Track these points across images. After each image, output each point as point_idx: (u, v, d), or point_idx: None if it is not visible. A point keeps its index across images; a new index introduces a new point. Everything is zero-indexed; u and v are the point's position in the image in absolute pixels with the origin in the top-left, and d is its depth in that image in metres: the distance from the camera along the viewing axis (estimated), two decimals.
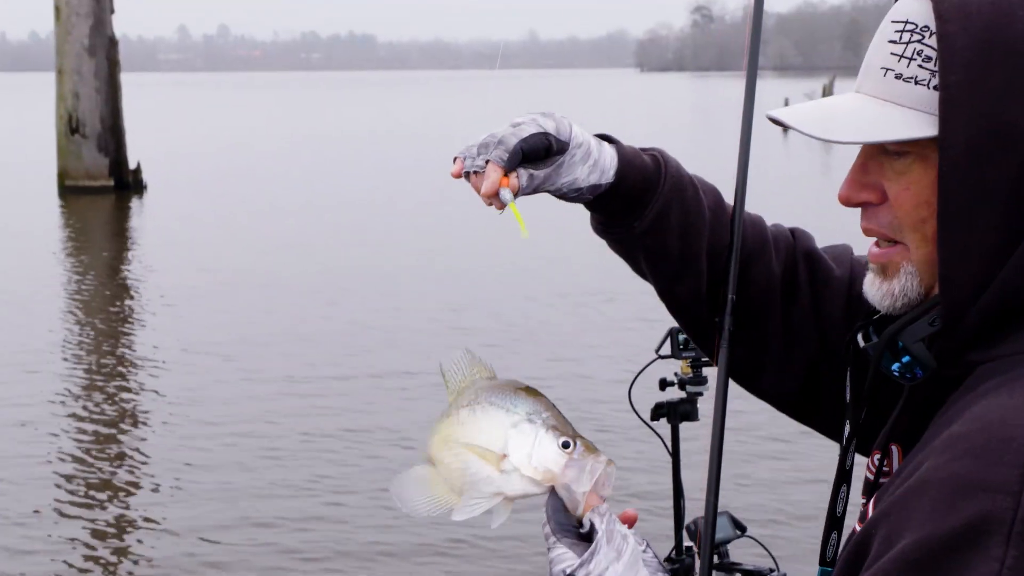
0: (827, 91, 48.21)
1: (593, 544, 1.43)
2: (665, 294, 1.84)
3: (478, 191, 1.64)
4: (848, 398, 1.63)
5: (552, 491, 1.49)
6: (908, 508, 1.25)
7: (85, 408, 10.96)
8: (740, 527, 3.28)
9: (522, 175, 1.65)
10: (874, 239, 1.50)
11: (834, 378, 1.72)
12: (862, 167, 1.48)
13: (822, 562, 1.58)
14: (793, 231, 1.89)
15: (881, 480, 1.50)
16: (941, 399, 1.40)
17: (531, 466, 1.50)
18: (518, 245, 16.68)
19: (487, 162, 1.63)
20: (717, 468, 1.77)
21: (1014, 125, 1.33)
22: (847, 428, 1.62)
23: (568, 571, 1.42)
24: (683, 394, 3.43)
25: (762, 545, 3.31)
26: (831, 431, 1.79)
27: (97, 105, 27.36)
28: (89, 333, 14.32)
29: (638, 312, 13.10)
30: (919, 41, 1.40)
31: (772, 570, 3.24)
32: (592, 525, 1.45)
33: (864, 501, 1.51)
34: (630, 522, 1.49)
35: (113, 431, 10.35)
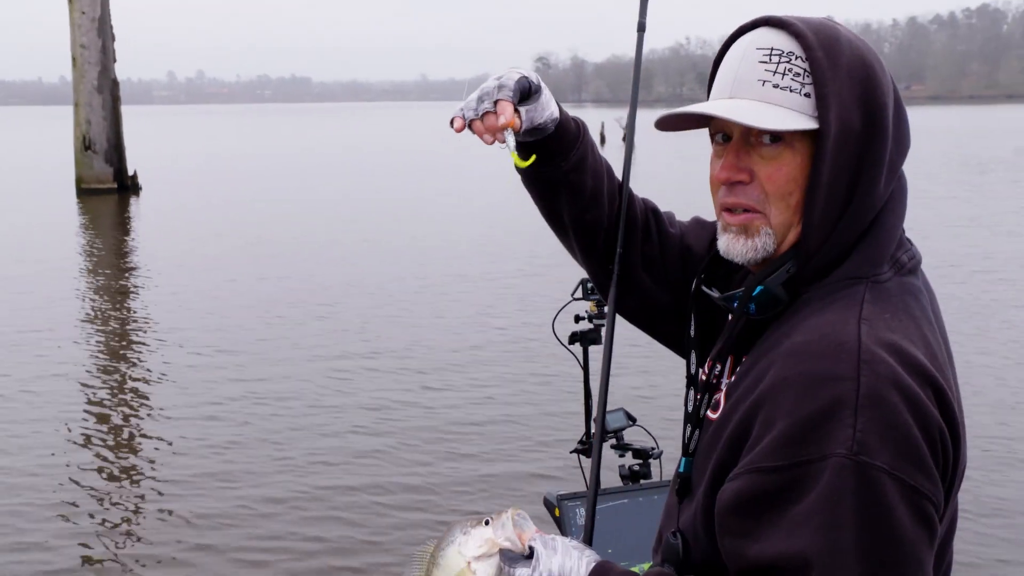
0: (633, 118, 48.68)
1: (536, 556, 1.46)
2: (576, 221, 1.78)
3: (481, 135, 1.59)
4: (692, 333, 1.65)
5: (500, 550, 1.52)
6: (776, 400, 1.28)
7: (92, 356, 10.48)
8: (631, 418, 3.34)
9: (521, 112, 1.62)
10: (726, 211, 1.48)
11: (676, 306, 1.76)
12: (735, 153, 1.45)
13: (684, 453, 1.56)
14: (643, 199, 1.89)
15: (720, 381, 1.51)
16: (765, 323, 1.44)
17: (483, 547, 1.52)
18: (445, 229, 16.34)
19: (497, 103, 1.58)
20: (607, 373, 1.83)
21: (852, 125, 1.38)
22: (693, 357, 1.64)
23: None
24: (591, 325, 3.55)
25: (647, 431, 3.35)
26: (674, 345, 1.82)
27: (104, 129, 27.26)
28: (100, 295, 13.82)
29: (558, 275, 12.89)
30: (788, 62, 1.42)
31: (653, 448, 3.31)
32: (531, 547, 1.47)
33: (700, 396, 1.53)
34: None
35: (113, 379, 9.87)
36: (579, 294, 3.46)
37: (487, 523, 1.54)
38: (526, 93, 1.63)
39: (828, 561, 1.21)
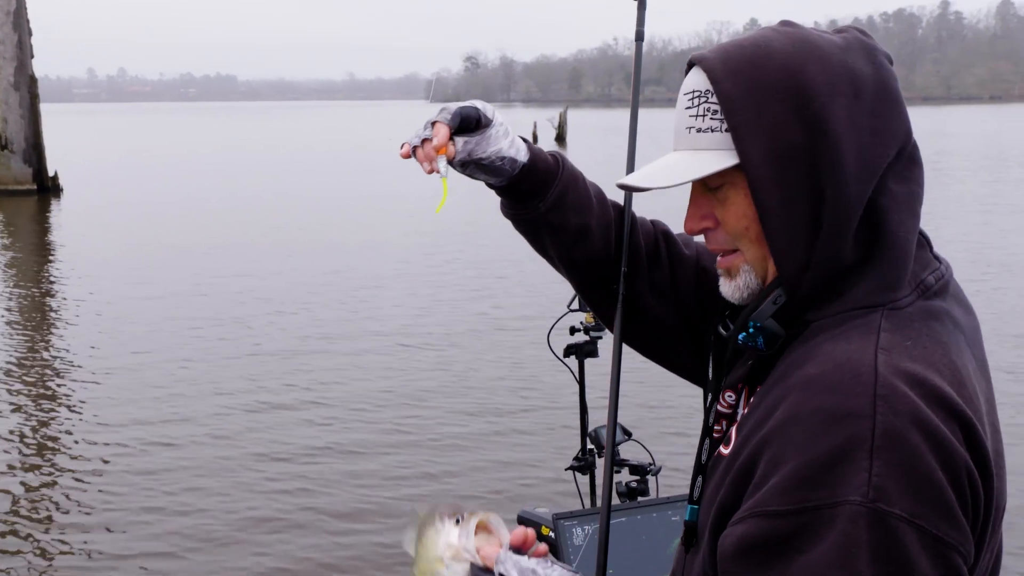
0: (563, 118, 49.05)
1: None
2: (564, 261, 1.73)
3: (421, 162, 1.54)
4: (710, 375, 1.53)
5: (472, 565, 1.38)
6: (786, 437, 1.19)
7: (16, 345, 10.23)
8: (627, 432, 3.25)
9: (457, 142, 1.56)
10: (719, 254, 1.44)
11: (690, 333, 1.69)
12: (695, 203, 1.42)
13: (690, 501, 1.46)
14: (653, 221, 1.82)
15: (736, 411, 1.45)
16: (779, 351, 1.35)
17: (447, 552, 1.41)
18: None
19: (433, 124, 1.54)
20: (616, 390, 1.76)
21: (791, 142, 1.30)
22: (708, 399, 1.52)
23: None
24: (587, 337, 3.47)
25: (643, 446, 3.27)
26: (691, 376, 1.73)
27: (22, 128, 26.50)
28: (20, 291, 13.61)
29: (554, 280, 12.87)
30: (705, 101, 1.36)
31: (651, 464, 3.23)
32: (501, 573, 1.35)
33: (720, 429, 1.46)
34: (541, 554, 1.38)
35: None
36: (575, 305, 3.33)
37: (458, 521, 1.42)
38: (470, 124, 1.58)
39: None
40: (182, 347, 10.31)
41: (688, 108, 1.38)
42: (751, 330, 1.36)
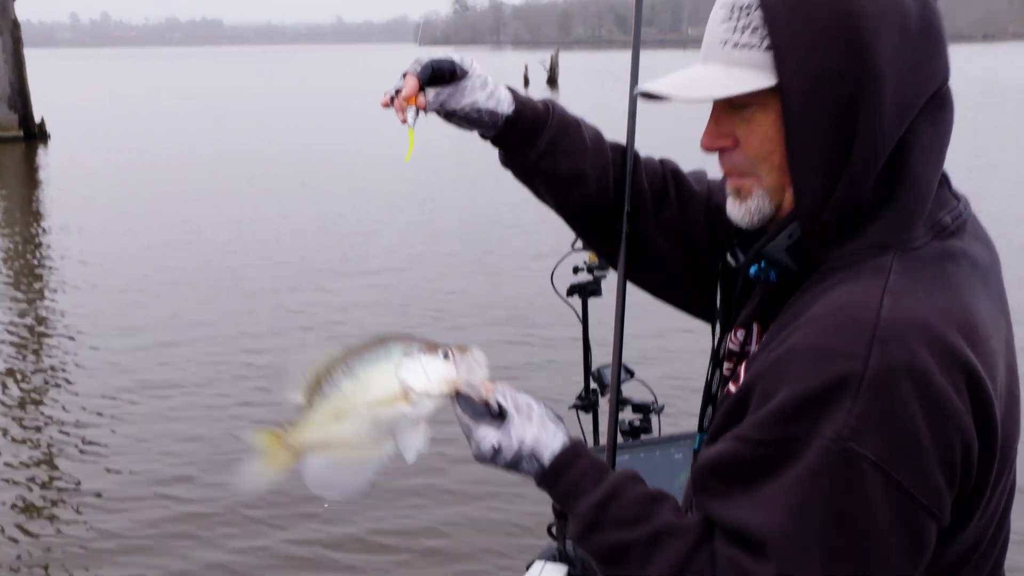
0: (554, 61, 48.44)
1: (507, 418, 1.35)
2: (560, 207, 1.73)
3: (397, 112, 1.57)
4: (719, 304, 1.52)
5: (457, 394, 1.35)
6: (781, 371, 1.20)
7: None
8: (629, 371, 3.25)
9: (429, 92, 1.58)
10: (725, 174, 1.41)
11: (699, 271, 1.65)
12: (716, 120, 1.37)
13: (700, 430, 1.50)
14: (662, 160, 1.78)
15: (746, 349, 1.44)
16: (791, 289, 1.33)
17: (435, 385, 1.34)
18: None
19: (404, 75, 1.57)
20: (620, 330, 1.74)
21: (833, 70, 1.25)
22: (717, 327, 1.52)
23: (496, 445, 1.34)
24: (591, 277, 3.47)
25: (646, 385, 3.25)
26: (699, 312, 1.70)
27: (6, 73, 26.08)
28: (6, 241, 13.49)
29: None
30: (746, 16, 1.31)
31: (653, 403, 3.25)
32: (500, 405, 1.35)
33: (730, 366, 1.46)
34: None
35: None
36: (579, 245, 3.26)
37: (446, 355, 1.35)
38: (443, 75, 1.58)
39: (785, 545, 1.15)
40: (172, 296, 10.29)
41: (726, 21, 1.33)
42: (763, 264, 1.35)
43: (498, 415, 1.35)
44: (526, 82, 44.48)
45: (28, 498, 5.85)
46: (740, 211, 1.38)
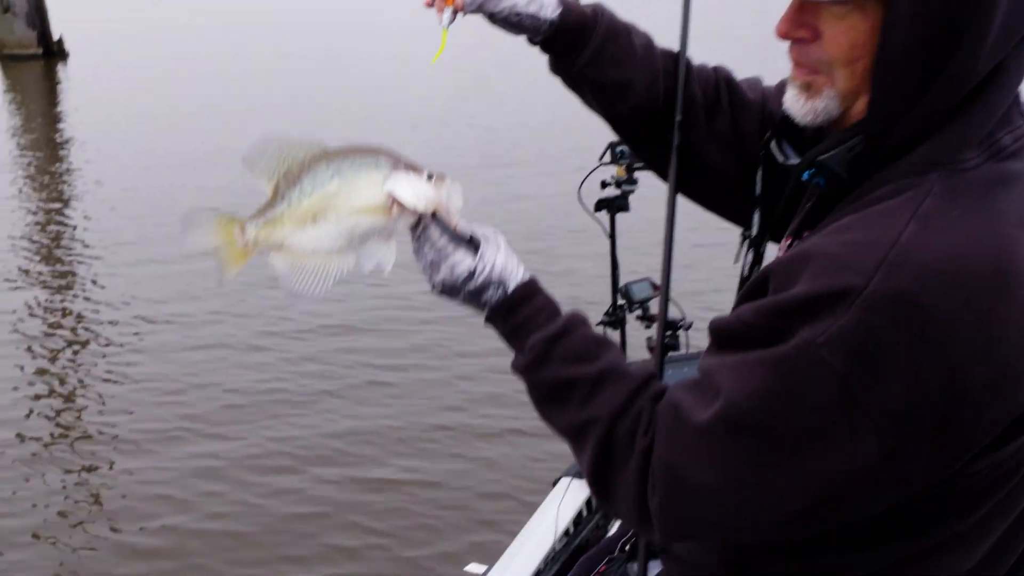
0: None
1: (481, 245, 1.38)
2: (608, 115, 1.70)
3: (439, 12, 1.55)
4: (758, 191, 1.51)
5: (433, 216, 1.36)
6: (793, 269, 1.19)
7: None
8: (657, 288, 3.26)
9: None
10: (793, 64, 1.34)
11: (751, 181, 1.57)
12: (799, 7, 1.27)
13: None
14: (715, 67, 1.73)
15: None
16: (841, 195, 1.28)
17: (421, 201, 1.34)
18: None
19: None
20: (670, 241, 1.70)
21: None
22: (757, 216, 1.51)
23: (471, 269, 1.36)
24: (618, 191, 3.41)
25: (674, 301, 3.18)
26: (748, 222, 1.61)
27: None
28: (31, 152, 13.53)
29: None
30: None
31: (682, 319, 3.25)
32: (472, 234, 1.39)
33: (753, 261, 1.48)
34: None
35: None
36: (607, 159, 3.30)
37: (430, 177, 1.36)
38: None
39: (729, 406, 1.17)
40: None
41: None
42: (813, 171, 1.29)
43: (469, 242, 1.38)
44: None
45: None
46: (803, 108, 1.31)
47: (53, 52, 26.31)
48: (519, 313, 1.38)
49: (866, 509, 1.20)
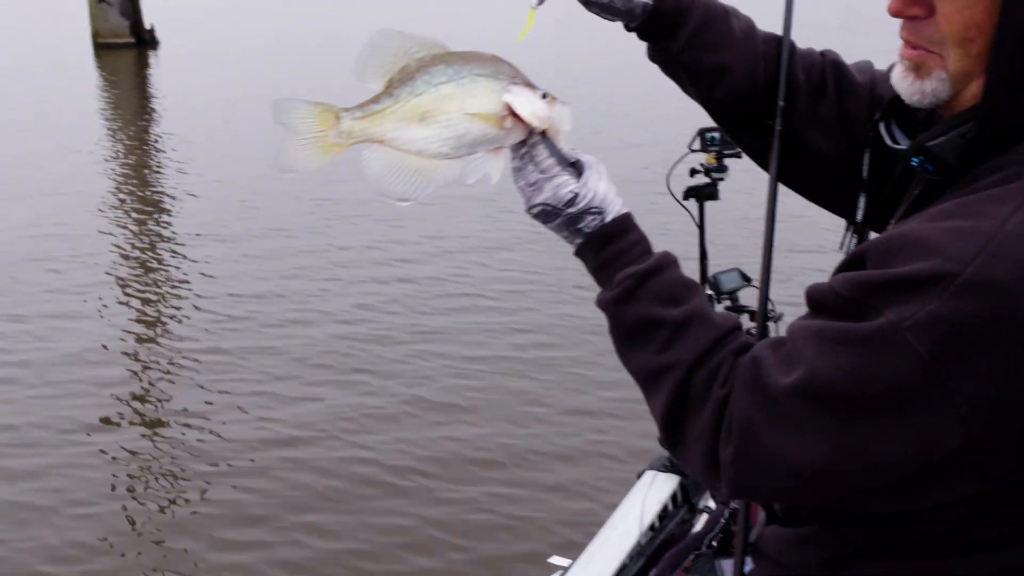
0: None
1: (586, 169, 1.36)
2: (705, 101, 1.66)
3: None
4: (865, 174, 1.47)
5: (544, 135, 1.34)
6: (891, 247, 1.16)
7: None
8: (747, 279, 3.24)
9: None
10: (904, 42, 1.29)
11: (858, 168, 1.52)
12: None
13: None
14: (823, 51, 1.68)
15: None
16: (951, 182, 1.24)
17: (537, 117, 1.32)
18: None
19: None
20: (771, 233, 1.65)
21: None
22: (862, 200, 1.48)
23: (574, 191, 1.34)
24: (708, 179, 3.35)
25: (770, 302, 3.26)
26: (843, 209, 1.58)
27: None
28: (123, 130, 13.88)
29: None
30: None
31: (771, 310, 3.18)
32: (578, 158, 1.37)
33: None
34: None
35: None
36: (696, 145, 3.23)
37: (544, 96, 1.33)
38: None
39: (811, 376, 1.15)
40: (280, 213, 10.39)
41: None
42: (921, 158, 1.25)
43: (573, 166, 1.37)
44: None
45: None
46: (912, 88, 1.28)
47: (144, 41, 26.98)
48: (614, 245, 1.36)
49: (940, 496, 1.18)
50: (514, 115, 1.32)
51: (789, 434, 1.17)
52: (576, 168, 1.37)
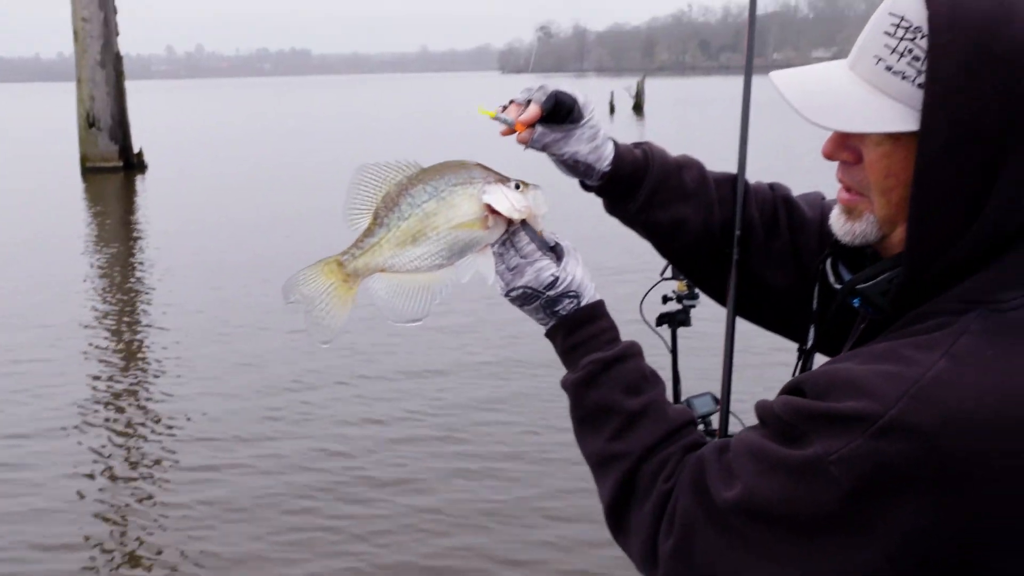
0: (640, 87, 47.78)
1: (564, 255, 1.41)
2: (664, 252, 1.73)
3: (504, 124, 1.52)
4: (815, 306, 1.52)
5: (523, 224, 1.39)
6: (826, 383, 1.20)
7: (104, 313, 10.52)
8: (718, 401, 3.14)
9: (538, 129, 1.53)
10: (846, 189, 1.35)
11: (806, 292, 1.58)
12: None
13: None
14: (772, 185, 1.74)
15: None
16: (889, 321, 1.29)
17: (515, 210, 1.37)
18: None
19: (528, 101, 1.51)
20: (729, 361, 1.69)
21: (989, 129, 1.14)
22: (811, 331, 1.52)
23: (555, 275, 1.38)
24: (680, 306, 3.40)
25: (736, 416, 3.30)
26: (797, 335, 1.64)
27: (108, 105, 26.77)
28: (109, 255, 14.02)
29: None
30: (911, 40, 1.19)
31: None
32: (557, 243, 1.42)
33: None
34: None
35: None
36: (668, 273, 3.20)
37: (518, 187, 1.38)
38: (561, 111, 1.53)
39: (744, 492, 1.20)
40: (256, 330, 10.54)
41: (888, 34, 1.22)
42: (857, 300, 1.32)
43: (552, 250, 1.41)
44: (612, 109, 44.29)
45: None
46: (844, 228, 1.34)
47: (133, 164, 26.98)
48: (584, 329, 1.40)
49: None
50: (494, 212, 1.37)
51: (724, 543, 1.22)
52: (556, 252, 1.41)
